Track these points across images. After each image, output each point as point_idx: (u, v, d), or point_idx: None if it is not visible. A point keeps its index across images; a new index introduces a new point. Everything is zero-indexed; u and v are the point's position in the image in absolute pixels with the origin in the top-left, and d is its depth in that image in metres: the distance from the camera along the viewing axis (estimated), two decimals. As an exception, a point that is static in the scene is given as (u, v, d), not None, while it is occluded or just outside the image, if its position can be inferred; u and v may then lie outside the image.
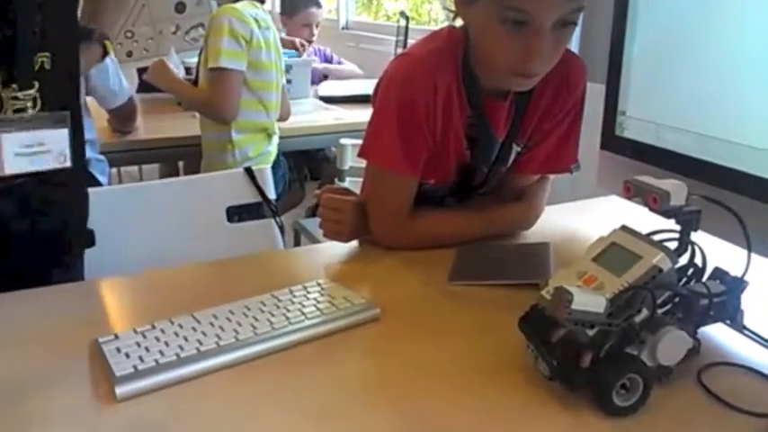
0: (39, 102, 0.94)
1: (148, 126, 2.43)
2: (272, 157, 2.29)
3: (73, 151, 0.96)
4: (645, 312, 0.67)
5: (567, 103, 1.08)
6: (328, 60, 3.50)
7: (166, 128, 2.43)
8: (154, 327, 0.79)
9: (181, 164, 3.17)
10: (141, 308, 0.92)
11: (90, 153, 1.83)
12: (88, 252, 1.14)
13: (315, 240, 2.19)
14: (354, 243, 1.11)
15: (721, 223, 0.91)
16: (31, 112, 0.92)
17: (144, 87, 2.62)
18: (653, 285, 0.67)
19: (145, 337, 0.77)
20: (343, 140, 2.21)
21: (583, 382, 0.67)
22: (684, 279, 0.75)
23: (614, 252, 0.71)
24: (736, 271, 0.74)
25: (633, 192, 0.73)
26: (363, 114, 2.39)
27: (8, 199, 0.98)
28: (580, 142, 1.12)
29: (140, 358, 0.73)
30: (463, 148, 1.06)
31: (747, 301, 0.73)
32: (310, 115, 2.70)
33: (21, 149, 0.89)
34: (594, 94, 1.09)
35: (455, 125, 1.03)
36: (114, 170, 3.55)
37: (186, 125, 2.38)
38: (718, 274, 0.75)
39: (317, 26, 3.37)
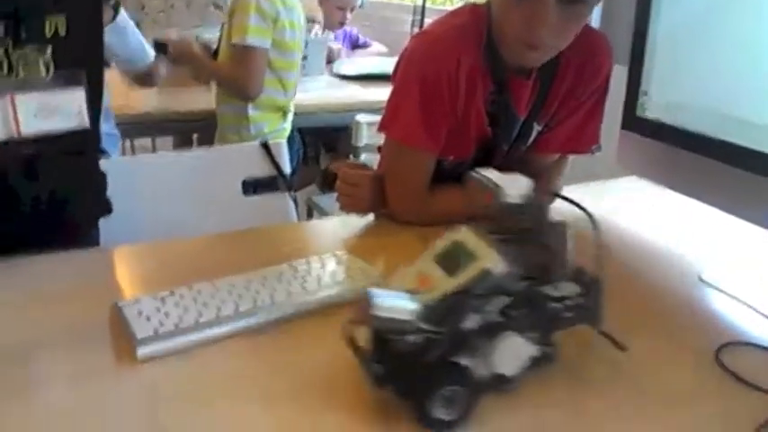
0: (52, 67, 0.90)
1: (163, 98, 2.43)
2: (287, 134, 2.29)
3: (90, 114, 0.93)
4: (478, 318, 0.61)
5: (592, 85, 1.07)
6: (355, 41, 3.47)
7: (181, 101, 2.43)
8: (173, 293, 0.79)
9: (195, 136, 3.17)
10: (157, 275, 0.92)
11: (103, 126, 1.80)
12: (102, 223, 1.14)
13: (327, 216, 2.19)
14: (370, 216, 1.11)
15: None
16: (44, 74, 0.89)
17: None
18: (482, 289, 0.60)
19: (164, 302, 0.78)
20: (359, 117, 2.21)
21: (403, 393, 0.61)
22: (535, 282, 0.66)
23: (455, 252, 0.64)
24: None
25: (471, 187, 0.68)
26: (379, 92, 2.38)
27: (20, 167, 0.95)
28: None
29: (160, 322, 0.73)
30: (484, 124, 1.06)
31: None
32: (325, 92, 2.70)
33: (35, 111, 0.87)
34: (616, 74, 1.09)
35: (477, 101, 1.02)
36: (127, 142, 3.56)
37: (200, 98, 2.38)
38: (576, 275, 0.68)
39: (351, 10, 3.34)
